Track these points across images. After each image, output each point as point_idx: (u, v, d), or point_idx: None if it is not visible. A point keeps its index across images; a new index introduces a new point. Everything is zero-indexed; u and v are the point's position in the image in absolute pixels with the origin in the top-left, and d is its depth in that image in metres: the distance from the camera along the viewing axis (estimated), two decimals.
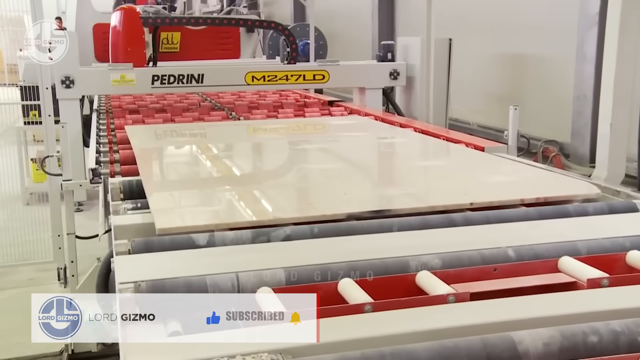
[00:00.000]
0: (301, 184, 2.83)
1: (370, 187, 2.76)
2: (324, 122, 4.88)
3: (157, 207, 2.27)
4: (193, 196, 2.63)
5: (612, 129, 3.81)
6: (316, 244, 1.95)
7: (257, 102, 5.91)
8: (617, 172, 3.90)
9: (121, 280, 1.66)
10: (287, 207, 2.43)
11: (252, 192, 2.64)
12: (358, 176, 2.98)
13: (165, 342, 1.40)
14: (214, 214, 2.27)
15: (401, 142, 3.97)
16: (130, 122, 4.67)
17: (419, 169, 3.13)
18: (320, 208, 2.23)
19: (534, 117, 6.40)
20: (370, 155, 3.65)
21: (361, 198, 2.41)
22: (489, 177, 2.83)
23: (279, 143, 3.99)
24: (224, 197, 2.58)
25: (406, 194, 2.47)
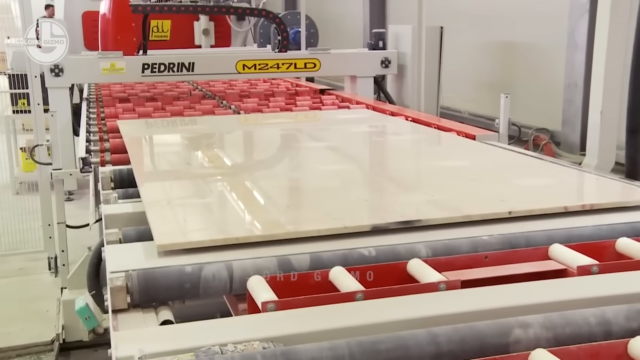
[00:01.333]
0: (315, 189, 2.47)
1: (392, 192, 2.47)
2: (330, 116, 4.63)
3: (156, 218, 1.99)
4: (194, 201, 2.37)
5: (602, 116, 3.83)
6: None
7: (248, 91, 5.89)
8: (607, 160, 3.92)
9: (112, 269, 1.66)
10: (303, 218, 2.10)
11: (259, 198, 2.40)
12: (376, 179, 2.74)
13: (157, 331, 1.40)
14: (220, 227, 1.97)
15: (417, 139, 3.70)
16: (120, 110, 4.64)
17: (442, 170, 2.80)
18: (341, 219, 1.94)
19: (525, 105, 6.42)
20: (386, 154, 3.38)
21: (385, 206, 2.17)
22: (522, 179, 2.59)
23: (284, 140, 3.76)
24: (229, 204, 2.34)
25: (434, 201, 2.18)
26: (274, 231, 1.86)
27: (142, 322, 1.52)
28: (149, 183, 2.57)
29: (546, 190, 2.39)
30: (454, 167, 2.83)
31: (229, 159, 3.16)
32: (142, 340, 1.30)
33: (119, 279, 1.58)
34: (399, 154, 3.34)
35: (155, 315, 1.56)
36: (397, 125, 4.11)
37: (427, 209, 2.06)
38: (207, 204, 2.32)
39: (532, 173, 2.69)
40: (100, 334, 2.81)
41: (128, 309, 1.57)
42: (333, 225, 1.87)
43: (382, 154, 3.34)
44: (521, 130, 6.29)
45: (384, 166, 2.98)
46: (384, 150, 3.46)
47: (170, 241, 1.76)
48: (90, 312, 2.31)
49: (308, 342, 1.22)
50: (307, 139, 3.75)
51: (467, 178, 2.53)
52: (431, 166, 2.92)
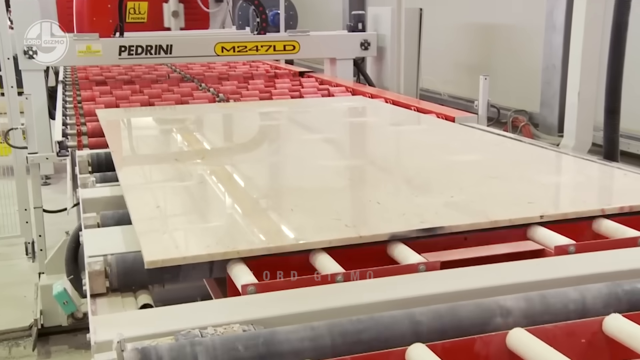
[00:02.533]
0: (320, 189, 2.21)
1: (406, 193, 2.18)
2: (325, 104, 4.36)
3: (143, 228, 1.76)
4: (182, 203, 2.09)
5: (580, 98, 3.86)
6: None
7: (227, 73, 5.84)
8: (585, 141, 3.95)
9: (90, 253, 1.64)
10: (312, 225, 1.79)
11: (258, 200, 2.11)
12: (385, 176, 2.44)
13: (136, 315, 1.39)
14: (217, 237, 1.70)
15: (422, 130, 3.42)
16: (97, 93, 4.58)
17: (456, 166, 2.53)
18: (354, 226, 1.71)
19: (504, 87, 6.44)
20: (391, 147, 3.03)
21: (401, 210, 1.87)
22: (548, 176, 2.38)
23: (278, 131, 3.49)
24: (223, 207, 2.08)
25: (454, 204, 1.94)
26: (280, 242, 1.63)
27: (121, 307, 1.52)
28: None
29: (577, 190, 2.19)
30: (469, 162, 2.60)
31: (219, 151, 2.91)
32: (121, 324, 1.30)
33: (97, 263, 1.57)
34: (406, 146, 3.04)
35: (135, 299, 1.56)
36: (398, 114, 3.87)
37: (449, 213, 1.85)
38: (195, 203, 2.10)
39: (555, 168, 2.53)
40: (79, 318, 2.78)
41: (107, 294, 1.56)
42: (346, 234, 1.65)
43: (388, 147, 3.02)
44: (500, 112, 6.32)
45: (392, 161, 2.67)
46: (389, 142, 3.13)
47: (161, 257, 1.53)
48: (69, 297, 2.28)
49: (288, 324, 1.22)
50: (303, 131, 3.52)
51: (485, 175, 2.31)
52: (443, 161, 2.63)
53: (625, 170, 2.32)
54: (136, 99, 4.39)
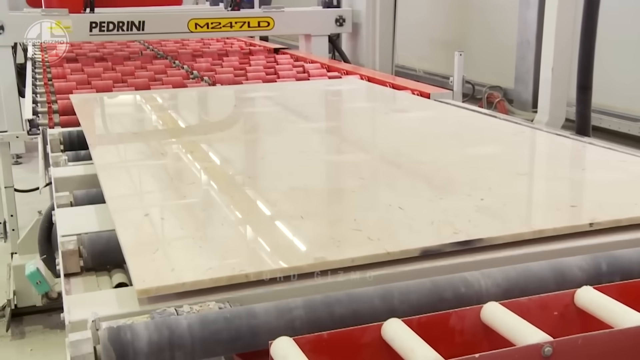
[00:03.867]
0: (331, 190, 1.97)
1: (428, 194, 1.87)
2: (319, 88, 4.06)
3: (132, 249, 1.47)
4: (175, 221, 1.71)
5: (553, 73, 3.88)
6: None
7: (201, 50, 5.77)
8: (558, 116, 3.99)
9: (63, 232, 1.62)
10: (329, 238, 1.54)
11: (260, 205, 1.83)
12: (400, 174, 2.13)
13: (111, 294, 1.38)
14: (218, 253, 1.45)
15: (428, 117, 3.08)
16: (68, 71, 4.50)
17: (477, 161, 2.24)
18: (378, 239, 1.46)
19: (478, 63, 6.46)
20: (400, 139, 2.62)
21: (428, 217, 1.62)
22: (583, 172, 2.13)
23: (271, 119, 3.11)
24: (220, 215, 1.72)
25: (487, 208, 1.68)
26: (296, 261, 1.36)
27: (96, 286, 1.50)
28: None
29: (624, 190, 1.85)
30: (489, 156, 2.32)
31: (208, 143, 2.58)
32: (96, 303, 1.29)
33: (70, 242, 1.55)
34: (416, 137, 2.65)
35: (110, 278, 1.54)
36: (399, 99, 3.55)
37: (484, 221, 1.60)
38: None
39: (587, 162, 2.27)
40: (53, 298, 2.77)
41: (81, 273, 1.55)
42: (371, 250, 1.40)
43: (395, 137, 2.66)
44: (475, 88, 6.35)
45: (403, 155, 2.33)
46: (395, 131, 2.77)
47: (153, 284, 1.26)
48: (42, 277, 2.27)
49: (264, 300, 1.22)
50: (298, 119, 3.13)
51: (512, 171, 2.07)
52: (461, 155, 2.32)
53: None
54: (108, 76, 4.32)
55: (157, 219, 1.68)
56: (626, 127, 5.33)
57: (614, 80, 5.32)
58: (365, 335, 1.11)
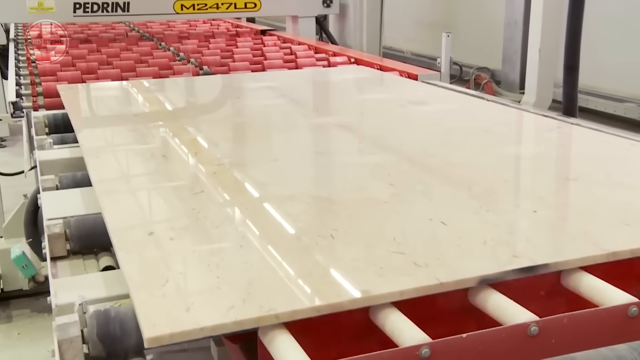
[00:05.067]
0: (360, 201, 1.63)
1: (471, 205, 1.60)
2: (324, 76, 3.79)
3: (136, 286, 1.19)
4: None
5: (540, 54, 3.89)
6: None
7: (188, 32, 5.72)
8: (545, 97, 4.00)
9: (49, 216, 1.62)
10: (368, 264, 1.26)
11: (280, 218, 1.53)
12: (434, 180, 1.85)
13: (98, 277, 1.37)
14: (244, 291, 1.15)
15: (448, 108, 2.80)
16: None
17: (518, 162, 2.01)
18: (426, 264, 1.24)
19: (466, 44, 6.45)
20: (425, 136, 2.36)
21: (478, 234, 1.38)
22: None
23: (279, 113, 2.79)
24: (230, 231, 1.48)
25: (545, 224, 1.46)
26: (334, 297, 1.12)
27: (83, 269, 1.50)
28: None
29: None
30: (530, 156, 2.09)
31: (210, 142, 2.30)
32: (83, 287, 1.29)
33: (56, 226, 1.55)
34: (441, 133, 2.40)
35: (97, 261, 1.54)
36: (414, 89, 3.28)
37: (544, 240, 1.39)
38: (197, 220, 1.51)
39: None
40: (40, 282, 2.76)
41: (68, 256, 1.54)
42: (421, 280, 1.17)
43: (420, 134, 2.39)
44: (462, 70, 6.35)
45: (433, 155, 2.06)
46: (418, 127, 2.50)
47: (166, 330, 1.03)
48: (28, 260, 2.26)
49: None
50: (310, 113, 2.86)
51: (560, 176, 1.85)
52: (498, 155, 2.07)
53: None
54: (93, 58, 4.27)
55: (165, 238, 1.39)
56: (612, 107, 5.35)
57: (601, 61, 5.33)
58: (353, 317, 1.10)
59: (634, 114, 5.17)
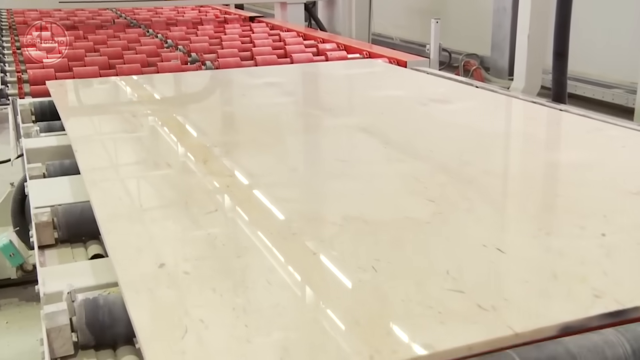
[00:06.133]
0: (397, 221, 1.44)
1: (526, 225, 1.42)
2: (332, 71, 3.55)
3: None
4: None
5: (529, 40, 3.89)
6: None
7: (175, 19, 5.67)
8: (534, 83, 4.01)
9: (37, 204, 1.60)
10: (424, 307, 1.06)
11: (315, 251, 1.28)
12: (475, 194, 1.61)
13: (87, 265, 1.36)
14: (279, 347, 0.97)
15: (473, 107, 2.61)
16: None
17: (568, 172, 1.80)
18: (493, 307, 1.04)
19: (455, 30, 6.44)
20: (456, 140, 2.10)
21: (544, 265, 1.21)
22: None
23: (290, 113, 2.60)
24: (263, 265, 1.23)
25: (618, 250, 1.27)
26: (391, 353, 0.94)
27: (71, 258, 1.48)
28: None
29: None
30: (579, 164, 1.83)
31: (217, 142, 2.10)
32: (72, 275, 1.27)
33: (44, 214, 1.53)
34: (473, 136, 2.16)
35: (85, 250, 1.52)
36: (431, 84, 3.07)
37: (625, 273, 1.18)
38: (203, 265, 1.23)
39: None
40: (29, 271, 2.73)
41: (56, 245, 1.53)
42: (490, 329, 1.00)
43: (449, 137, 2.14)
44: (451, 56, 6.34)
45: (468, 163, 1.85)
46: (446, 130, 2.26)
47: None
48: (15, 249, 2.24)
49: None
50: (324, 114, 2.57)
51: (621, 188, 1.61)
52: (541, 162, 1.88)
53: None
54: (80, 45, 4.23)
55: (179, 271, 1.19)
56: (600, 94, 5.38)
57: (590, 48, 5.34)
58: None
59: (622, 100, 5.20)
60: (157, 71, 3.57)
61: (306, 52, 4.16)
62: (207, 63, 3.80)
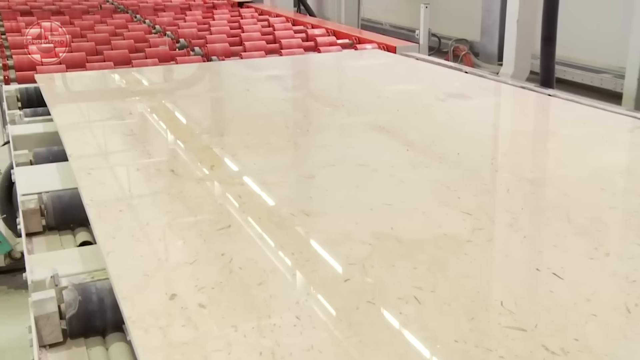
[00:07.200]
0: (437, 242, 1.26)
1: (582, 245, 1.26)
2: (336, 62, 3.43)
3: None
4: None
5: (518, 25, 3.88)
6: None
7: (163, 4, 5.62)
8: (523, 68, 4.01)
9: (23, 191, 1.59)
10: (478, 349, 0.93)
11: (345, 278, 1.14)
12: (519, 206, 1.47)
13: (74, 253, 1.36)
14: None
15: (495, 103, 2.52)
16: (23, 24, 4.34)
17: (614, 179, 1.63)
18: (562, 350, 0.91)
19: (445, 16, 6.43)
20: (483, 141, 1.95)
21: (610, 295, 1.07)
22: None
23: (298, 109, 2.47)
24: (289, 297, 1.07)
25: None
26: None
27: (60, 245, 1.48)
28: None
29: None
30: (625, 169, 1.71)
31: (218, 142, 1.97)
32: (59, 262, 1.26)
33: (31, 201, 1.52)
34: (500, 136, 2.03)
35: (74, 237, 1.52)
36: (450, 78, 2.85)
37: None
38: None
39: None
40: (17, 258, 2.72)
41: (44, 232, 1.52)
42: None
43: (475, 138, 1.97)
44: (441, 41, 6.33)
45: (504, 168, 1.71)
46: (469, 129, 2.07)
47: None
48: (2, 237, 2.23)
49: None
50: (334, 111, 2.37)
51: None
52: (582, 167, 1.70)
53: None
54: (66, 30, 4.18)
55: (193, 304, 1.04)
56: (589, 79, 5.39)
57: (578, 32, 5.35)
58: None
59: (610, 85, 5.21)
60: (146, 57, 3.54)
61: (295, 37, 4.13)
62: (196, 49, 3.77)
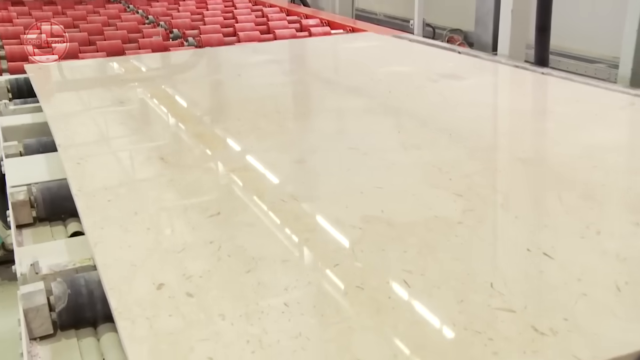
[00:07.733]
0: (428, 224, 1.25)
1: (573, 225, 1.22)
2: (327, 46, 3.40)
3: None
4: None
5: (513, 15, 3.86)
6: None
7: None
8: (518, 58, 3.99)
9: (13, 183, 1.58)
10: (468, 332, 0.91)
11: (334, 261, 1.11)
12: (509, 186, 1.47)
13: (63, 244, 1.35)
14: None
15: (487, 83, 2.47)
16: (14, 14, 4.31)
17: (607, 157, 1.58)
18: (551, 331, 0.90)
19: (439, 5, 6.41)
20: (477, 121, 1.92)
21: (599, 273, 1.05)
22: None
23: (296, 92, 2.44)
24: (279, 284, 1.04)
25: None
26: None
27: (51, 236, 1.47)
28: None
29: None
30: (616, 146, 1.67)
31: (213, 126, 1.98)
32: (49, 254, 1.25)
33: (20, 193, 1.51)
34: (494, 115, 2.00)
35: (64, 228, 1.51)
36: (439, 58, 2.87)
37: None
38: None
39: None
40: (9, 250, 2.70)
41: (34, 224, 1.51)
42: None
43: (469, 118, 1.94)
44: (435, 31, 6.31)
45: (500, 147, 1.71)
46: (463, 110, 2.04)
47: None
48: None
49: None
50: (329, 95, 2.37)
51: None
52: (575, 145, 1.67)
53: None
54: (59, 21, 4.14)
55: (181, 293, 1.03)
56: (583, 68, 5.39)
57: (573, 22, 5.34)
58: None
59: (604, 75, 5.21)
60: (139, 48, 3.51)
61: (289, 27, 4.11)
62: (190, 39, 3.75)
